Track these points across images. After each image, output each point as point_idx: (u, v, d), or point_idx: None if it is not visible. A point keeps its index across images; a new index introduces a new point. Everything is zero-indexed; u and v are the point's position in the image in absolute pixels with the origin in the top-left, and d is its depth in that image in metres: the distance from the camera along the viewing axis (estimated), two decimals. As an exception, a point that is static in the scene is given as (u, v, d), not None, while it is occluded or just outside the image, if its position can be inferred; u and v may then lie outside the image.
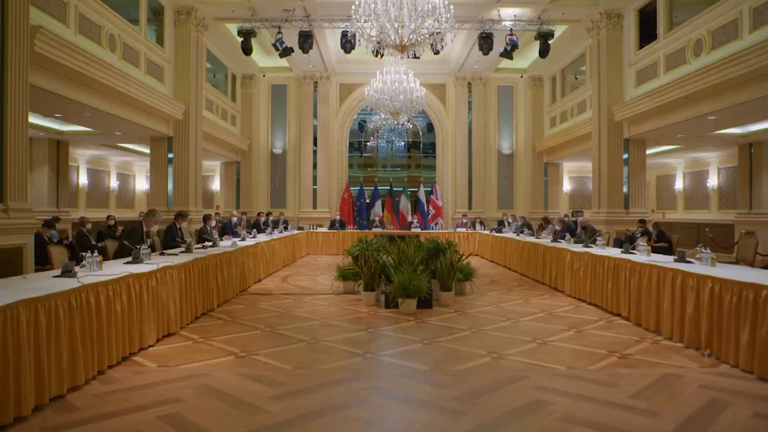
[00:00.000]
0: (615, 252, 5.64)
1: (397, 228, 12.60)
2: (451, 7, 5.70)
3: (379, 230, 11.42)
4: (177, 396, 2.87)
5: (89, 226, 7.55)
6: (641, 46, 8.73)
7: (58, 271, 3.58)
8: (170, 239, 5.89)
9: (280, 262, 8.78)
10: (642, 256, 5.16)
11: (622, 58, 9.16)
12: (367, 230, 11.84)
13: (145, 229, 4.99)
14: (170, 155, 9.00)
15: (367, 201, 13.65)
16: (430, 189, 13.65)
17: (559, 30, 10.25)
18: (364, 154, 14.76)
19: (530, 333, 4.32)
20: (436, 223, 12.98)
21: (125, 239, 4.73)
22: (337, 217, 12.21)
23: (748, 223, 9.50)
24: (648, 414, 2.69)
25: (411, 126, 13.24)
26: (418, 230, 11.62)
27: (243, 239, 7.56)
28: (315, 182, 13.49)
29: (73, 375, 2.96)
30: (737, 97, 6.45)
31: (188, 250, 5.38)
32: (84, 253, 3.77)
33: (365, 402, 2.83)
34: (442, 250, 6.02)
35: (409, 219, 12.79)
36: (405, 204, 13.33)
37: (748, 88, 6.26)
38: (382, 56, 7.75)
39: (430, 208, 13.29)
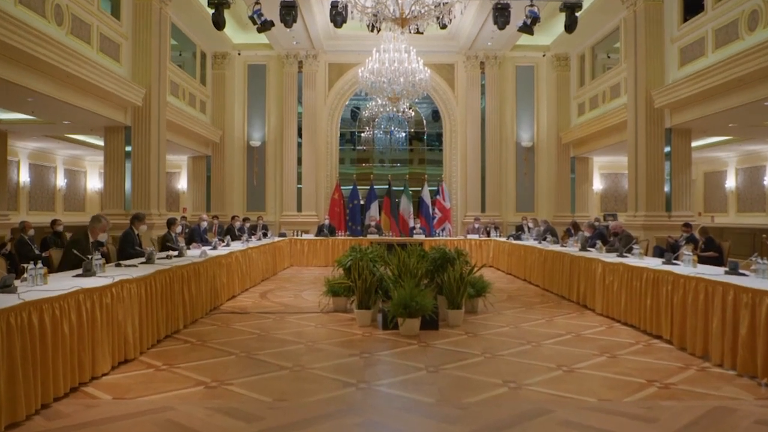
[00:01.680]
0: (655, 263, 5.66)
1: (397, 234, 12.68)
2: (461, -28, 5.73)
3: (375, 237, 11.45)
4: (136, 434, 2.87)
5: (32, 232, 7.52)
6: (685, 20, 8.74)
7: (-6, 286, 3.58)
8: (128, 247, 5.90)
9: (258, 274, 8.80)
10: (687, 267, 5.16)
11: (662, 34, 9.21)
12: (361, 237, 11.91)
13: (91, 240, 4.94)
14: (128, 148, 8.99)
15: (362, 202, 13.71)
16: (435, 188, 13.73)
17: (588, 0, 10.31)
18: (358, 147, 14.84)
19: (554, 358, 4.33)
20: (443, 229, 13.06)
21: (73, 249, 4.71)
22: (326, 222, 12.26)
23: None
24: (694, 455, 2.69)
25: (413, 114, 13.37)
26: (422, 237, 11.67)
27: (214, 248, 7.58)
28: (300, 180, 13.55)
29: (12, 409, 2.90)
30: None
31: (149, 260, 5.38)
32: (26, 265, 3.77)
33: (359, 440, 2.83)
34: (450, 260, 6.04)
35: (411, 224, 12.87)
36: (406, 206, 13.40)
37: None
38: (378, 31, 7.78)
39: (436, 210, 13.36)
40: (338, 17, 7.51)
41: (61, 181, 13.71)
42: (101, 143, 10.26)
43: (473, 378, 3.82)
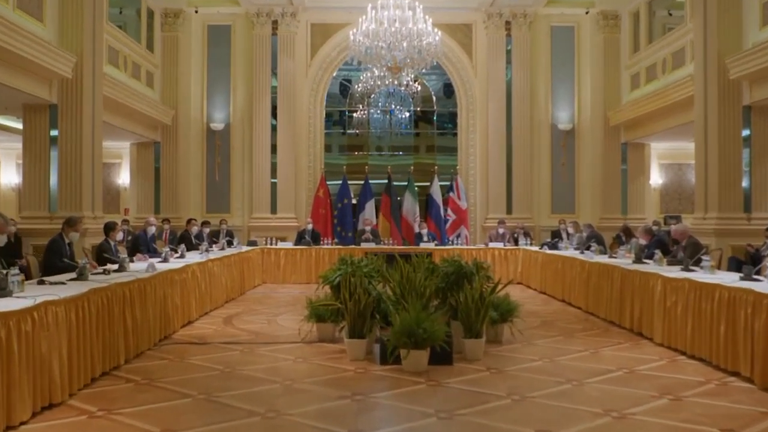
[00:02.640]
0: (730, 278, 5.61)
1: (399, 242, 12.73)
2: None
3: (371, 246, 11.49)
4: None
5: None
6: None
7: None
8: (56, 259, 5.90)
9: (221, 294, 8.82)
10: (772, 283, 5.14)
11: (740, -16, 9.22)
12: (353, 246, 11.97)
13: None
14: (53, 132, 8.92)
15: (354, 202, 13.81)
16: (449, 183, 13.82)
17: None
18: (349, 131, 14.92)
19: (601, 401, 4.32)
20: (458, 235, 13.14)
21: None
22: (308, 227, 12.30)
23: None
24: None
25: (419, 88, 13.44)
26: (431, 246, 11.73)
27: (165, 260, 7.60)
28: (274, 173, 13.63)
29: None
30: None
31: (81, 276, 5.39)
32: None
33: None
34: (467, 275, 6.06)
35: (417, 229, 12.93)
36: (410, 206, 13.48)
37: None
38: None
39: (449, 212, 13.44)
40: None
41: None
42: (19, 126, 10.17)
43: (497, 426, 3.81)
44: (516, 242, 12.21)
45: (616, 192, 13.66)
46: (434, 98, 14.80)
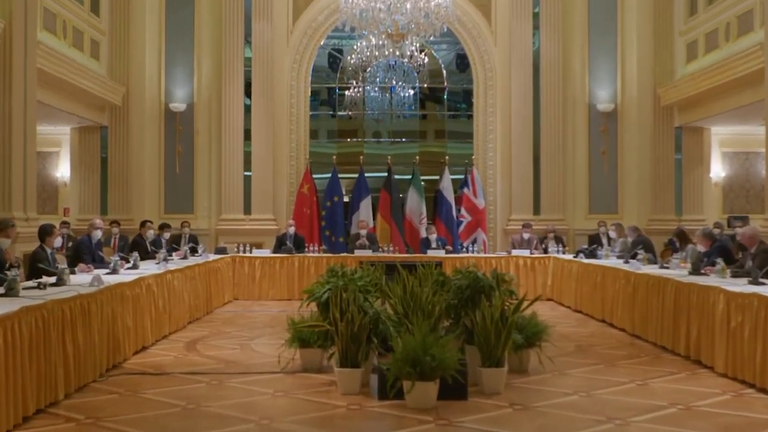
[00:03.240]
0: (809, 293, 5.66)
1: (401, 249, 12.78)
2: None
3: (367, 254, 11.51)
4: None
5: None
6: None
7: None
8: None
9: (183, 313, 8.83)
10: None
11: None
12: (344, 254, 12.02)
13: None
14: (-24, 114, 8.99)
15: (346, 199, 13.86)
16: (462, 177, 13.88)
17: None
18: (340, 114, 14.95)
19: (651, 444, 4.35)
20: (474, 241, 13.20)
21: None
22: (290, 230, 12.33)
23: None
24: None
25: (426, 60, 13.40)
26: (440, 253, 11.76)
27: (114, 271, 7.62)
28: (248, 165, 13.69)
29: None
30: None
31: (10, 291, 5.39)
32: None
33: None
34: (484, 290, 6.07)
35: (424, 233, 12.96)
36: (415, 205, 13.54)
37: None
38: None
39: (463, 212, 13.49)
40: None
41: None
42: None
43: (522, 475, 3.83)
44: (545, 249, 12.24)
45: (669, 187, 13.70)
46: (444, 72, 14.83)
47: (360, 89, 14.53)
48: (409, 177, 13.73)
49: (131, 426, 4.69)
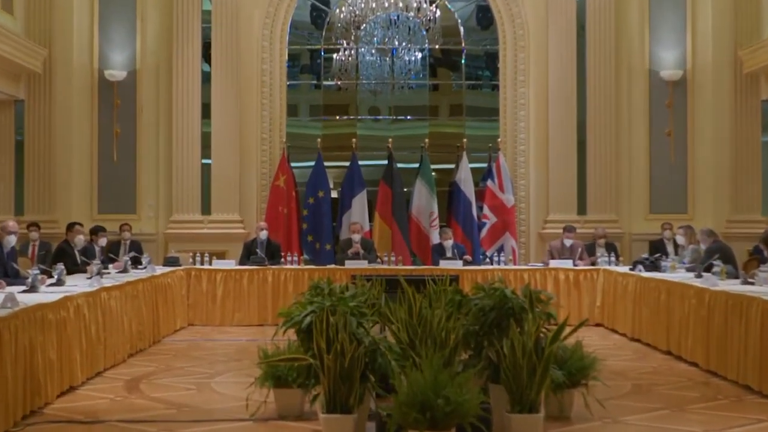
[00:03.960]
0: None
1: (406, 259, 12.80)
2: None
3: (361, 265, 11.48)
4: None
5: None
6: None
7: None
8: None
9: (122, 343, 8.76)
10: None
11: None
12: (332, 265, 12.02)
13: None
14: None
15: (334, 195, 13.90)
16: (485, 166, 13.90)
17: None
18: (327, 83, 14.91)
19: None
20: (501, 249, 13.22)
21: None
22: (261, 235, 12.31)
23: None
24: None
25: (438, 14, 13.24)
26: (457, 265, 11.73)
27: (33, 288, 7.57)
28: (207, 151, 13.70)
29: None
30: None
31: None
32: None
33: None
34: (514, 312, 6.03)
35: (436, 238, 12.98)
36: (424, 201, 13.54)
37: None
38: None
39: (486, 211, 13.52)
40: None
41: None
42: None
43: None
44: (593, 260, 12.23)
45: (754, 179, 13.70)
46: (462, 30, 14.79)
47: (352, 52, 14.42)
48: (417, 165, 13.72)
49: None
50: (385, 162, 13.61)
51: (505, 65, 14.19)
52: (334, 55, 14.28)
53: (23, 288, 7.49)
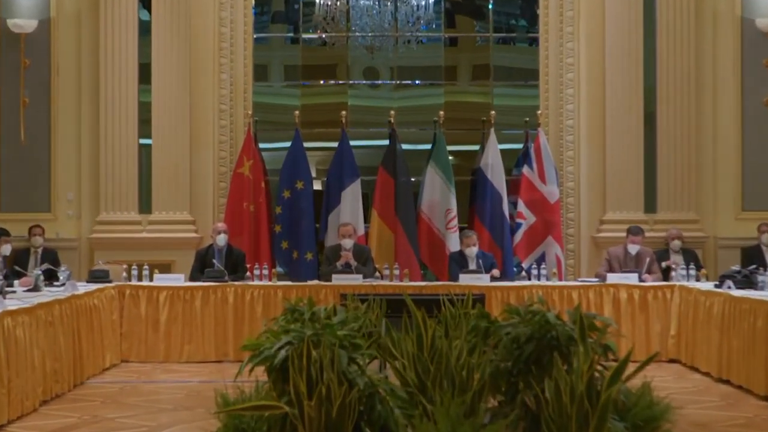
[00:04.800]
0: None
1: (415, 272, 12.79)
2: None
3: (354, 281, 11.47)
4: None
5: None
6: None
7: None
8: None
9: (32, 386, 8.72)
10: None
11: None
12: (315, 281, 12.05)
13: None
14: None
15: (317, 186, 14.00)
16: (521, 147, 13.95)
17: None
18: (307, 36, 14.90)
19: None
20: (542, 258, 13.22)
21: None
22: (219, 239, 12.29)
23: None
24: None
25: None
26: (483, 280, 11.68)
27: None
28: (146, 128, 13.75)
29: None
30: None
31: None
32: None
33: None
34: (559, 344, 6.02)
35: (454, 244, 13.02)
36: (438, 194, 13.57)
37: None
38: None
39: (522, 208, 13.54)
40: None
41: None
42: None
43: None
44: (667, 275, 12.21)
45: None
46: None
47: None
48: (428, 147, 13.75)
49: None
50: (386, 142, 13.66)
51: (548, 12, 14.21)
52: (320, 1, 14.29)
53: None
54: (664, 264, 12.39)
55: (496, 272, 12.18)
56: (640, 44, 13.71)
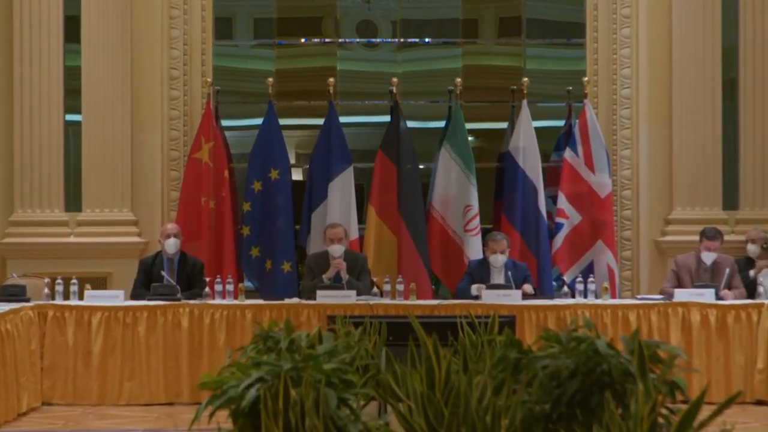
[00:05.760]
0: None
1: (423, 288, 12.82)
2: None
3: (344, 299, 11.47)
4: None
5: None
6: None
7: None
8: None
9: None
10: None
11: None
12: (295, 299, 12.08)
13: None
14: None
15: (298, 176, 14.11)
16: (561, 125, 14.04)
17: None
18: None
19: None
20: (589, 269, 13.24)
21: None
22: (169, 245, 12.29)
23: None
24: None
25: None
26: (513, 298, 11.65)
27: None
28: (74, 101, 13.83)
29: None
30: None
31: None
32: None
33: None
34: (610, 380, 6.02)
35: (474, 251, 13.09)
36: (454, 185, 13.66)
37: None
38: None
39: (564, 203, 13.56)
40: None
41: None
42: None
43: None
44: (752, 286, 12.21)
45: None
46: None
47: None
48: (442, 124, 13.77)
49: None
50: (387, 118, 13.70)
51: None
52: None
53: None
54: (751, 273, 12.40)
55: (529, 287, 12.19)
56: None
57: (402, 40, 14.95)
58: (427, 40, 15.01)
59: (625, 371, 6.11)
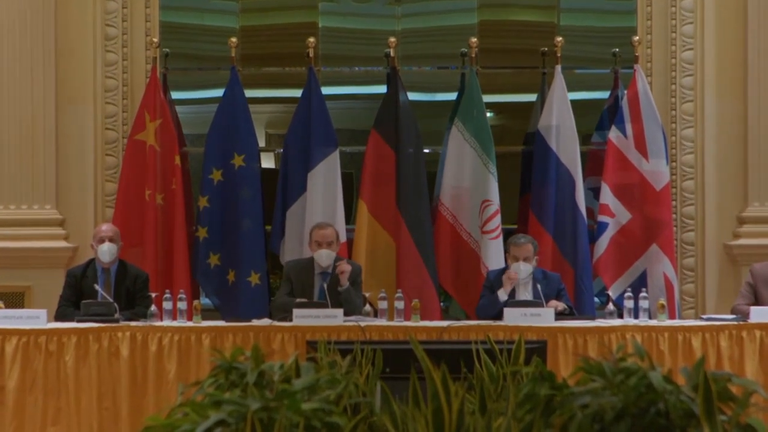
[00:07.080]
0: None
1: (429, 305, 12.91)
2: None
3: (329, 319, 11.49)
4: None
5: None
6: None
7: None
8: None
9: None
10: None
11: None
12: (264, 320, 12.06)
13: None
14: None
15: (269, 164, 14.22)
16: (604, 98, 14.08)
17: None
18: None
19: None
20: (641, 282, 13.28)
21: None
22: (103, 251, 12.31)
23: None
24: None
25: None
26: (545, 319, 11.67)
27: None
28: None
29: None
30: None
31: None
32: None
33: None
34: (668, 421, 6.04)
35: (494, 258, 13.16)
36: (468, 175, 13.70)
37: None
38: None
39: (608, 198, 13.57)
40: None
41: None
42: None
43: None
44: None
45: None
46: None
47: None
48: (453, 97, 13.79)
49: None
50: (383, 89, 13.74)
51: None
52: None
53: None
54: None
55: (563, 305, 12.22)
56: None
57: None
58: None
59: (686, 412, 6.13)
